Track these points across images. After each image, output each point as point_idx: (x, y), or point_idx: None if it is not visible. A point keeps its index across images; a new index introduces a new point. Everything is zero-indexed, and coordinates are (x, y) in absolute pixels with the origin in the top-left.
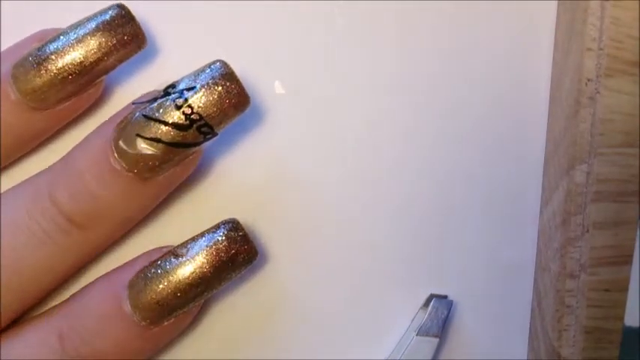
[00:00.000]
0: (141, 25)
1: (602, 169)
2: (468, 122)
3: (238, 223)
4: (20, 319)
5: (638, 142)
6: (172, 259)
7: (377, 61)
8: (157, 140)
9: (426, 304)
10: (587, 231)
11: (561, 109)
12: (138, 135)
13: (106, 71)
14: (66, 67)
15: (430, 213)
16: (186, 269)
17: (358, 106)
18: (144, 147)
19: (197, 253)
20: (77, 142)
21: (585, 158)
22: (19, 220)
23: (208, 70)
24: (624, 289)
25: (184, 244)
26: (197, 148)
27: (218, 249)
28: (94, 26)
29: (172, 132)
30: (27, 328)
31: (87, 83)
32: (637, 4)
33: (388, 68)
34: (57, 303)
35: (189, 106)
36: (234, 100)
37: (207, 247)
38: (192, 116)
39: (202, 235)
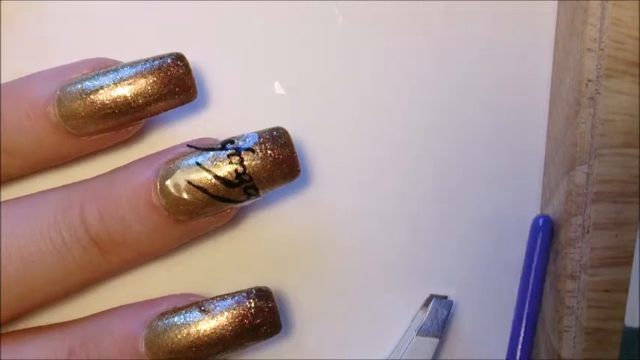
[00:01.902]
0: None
1: (602, 170)
2: (468, 122)
3: (270, 293)
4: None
5: (638, 142)
6: (197, 312)
7: (377, 61)
8: (203, 189)
9: (426, 304)
10: (588, 232)
11: (562, 109)
12: (186, 180)
13: (150, 115)
14: (111, 104)
15: (430, 213)
16: (208, 326)
17: (358, 106)
18: (188, 192)
19: (222, 313)
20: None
21: (585, 159)
22: (44, 225)
23: (268, 136)
24: (624, 290)
25: (212, 300)
26: (237, 205)
27: (244, 315)
28: (148, 69)
29: (219, 185)
30: (40, 336)
31: (128, 122)
32: (637, 4)
33: (388, 68)
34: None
35: (243, 165)
36: (285, 170)
37: (234, 309)
38: (242, 176)
39: (232, 296)
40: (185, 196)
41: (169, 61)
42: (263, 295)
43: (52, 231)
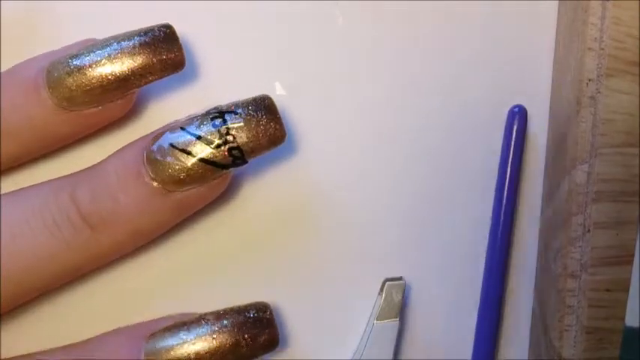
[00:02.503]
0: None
1: (603, 169)
2: (468, 121)
3: (268, 306)
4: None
5: (638, 141)
6: (195, 325)
7: (377, 61)
8: (187, 152)
9: (382, 289)
10: (588, 231)
11: (562, 109)
12: (170, 144)
13: (139, 86)
14: (98, 74)
15: (431, 212)
16: (207, 338)
17: (358, 106)
18: (173, 157)
19: (223, 325)
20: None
21: (586, 158)
22: (36, 206)
23: (252, 100)
24: (625, 289)
25: (214, 313)
26: (224, 172)
27: (244, 325)
28: (137, 41)
29: (204, 148)
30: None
31: (117, 94)
32: (637, 3)
33: (388, 68)
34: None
35: (227, 127)
36: (270, 132)
37: (234, 321)
38: (226, 137)
39: (232, 309)
40: (170, 160)
41: (157, 31)
42: (262, 307)
43: (44, 211)
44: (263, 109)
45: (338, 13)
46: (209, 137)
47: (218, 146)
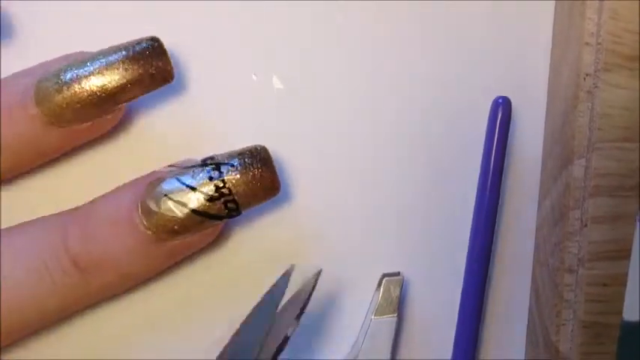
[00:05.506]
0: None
1: (600, 164)
2: (466, 117)
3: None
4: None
5: (636, 136)
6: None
7: (376, 59)
8: (183, 204)
9: (380, 284)
10: (586, 225)
11: (559, 103)
12: (166, 196)
13: (128, 100)
14: (88, 90)
15: (429, 207)
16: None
17: (356, 101)
18: (168, 208)
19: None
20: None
21: (583, 152)
22: (27, 250)
23: (248, 152)
24: (622, 284)
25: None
26: (218, 222)
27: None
28: (124, 55)
29: (200, 200)
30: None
31: (106, 108)
32: None
33: (386, 65)
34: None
35: (223, 180)
36: (266, 184)
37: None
38: (222, 190)
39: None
40: (165, 212)
41: (145, 44)
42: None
43: (36, 253)
44: (259, 160)
45: (337, 9)
46: (205, 190)
47: (213, 199)
